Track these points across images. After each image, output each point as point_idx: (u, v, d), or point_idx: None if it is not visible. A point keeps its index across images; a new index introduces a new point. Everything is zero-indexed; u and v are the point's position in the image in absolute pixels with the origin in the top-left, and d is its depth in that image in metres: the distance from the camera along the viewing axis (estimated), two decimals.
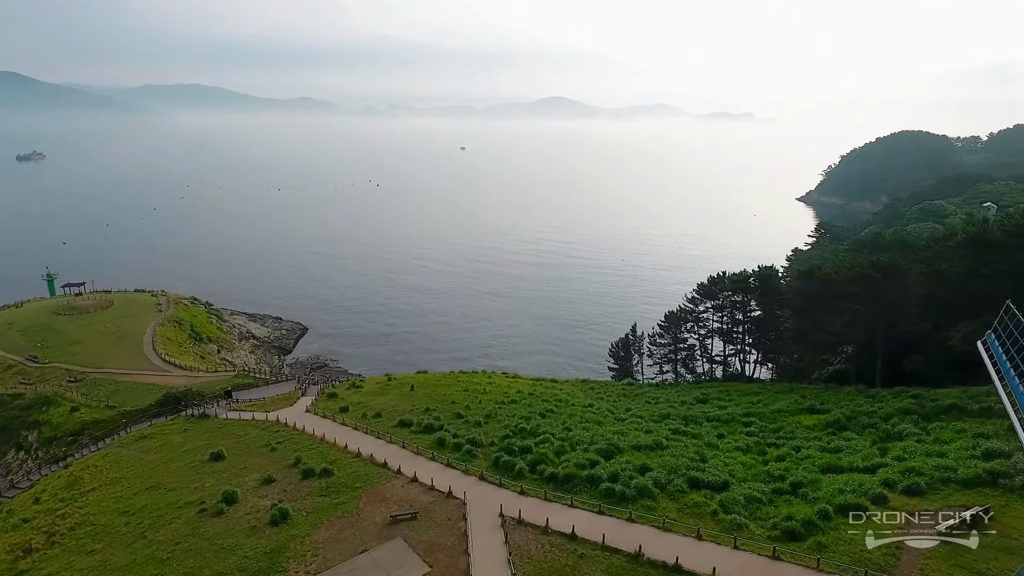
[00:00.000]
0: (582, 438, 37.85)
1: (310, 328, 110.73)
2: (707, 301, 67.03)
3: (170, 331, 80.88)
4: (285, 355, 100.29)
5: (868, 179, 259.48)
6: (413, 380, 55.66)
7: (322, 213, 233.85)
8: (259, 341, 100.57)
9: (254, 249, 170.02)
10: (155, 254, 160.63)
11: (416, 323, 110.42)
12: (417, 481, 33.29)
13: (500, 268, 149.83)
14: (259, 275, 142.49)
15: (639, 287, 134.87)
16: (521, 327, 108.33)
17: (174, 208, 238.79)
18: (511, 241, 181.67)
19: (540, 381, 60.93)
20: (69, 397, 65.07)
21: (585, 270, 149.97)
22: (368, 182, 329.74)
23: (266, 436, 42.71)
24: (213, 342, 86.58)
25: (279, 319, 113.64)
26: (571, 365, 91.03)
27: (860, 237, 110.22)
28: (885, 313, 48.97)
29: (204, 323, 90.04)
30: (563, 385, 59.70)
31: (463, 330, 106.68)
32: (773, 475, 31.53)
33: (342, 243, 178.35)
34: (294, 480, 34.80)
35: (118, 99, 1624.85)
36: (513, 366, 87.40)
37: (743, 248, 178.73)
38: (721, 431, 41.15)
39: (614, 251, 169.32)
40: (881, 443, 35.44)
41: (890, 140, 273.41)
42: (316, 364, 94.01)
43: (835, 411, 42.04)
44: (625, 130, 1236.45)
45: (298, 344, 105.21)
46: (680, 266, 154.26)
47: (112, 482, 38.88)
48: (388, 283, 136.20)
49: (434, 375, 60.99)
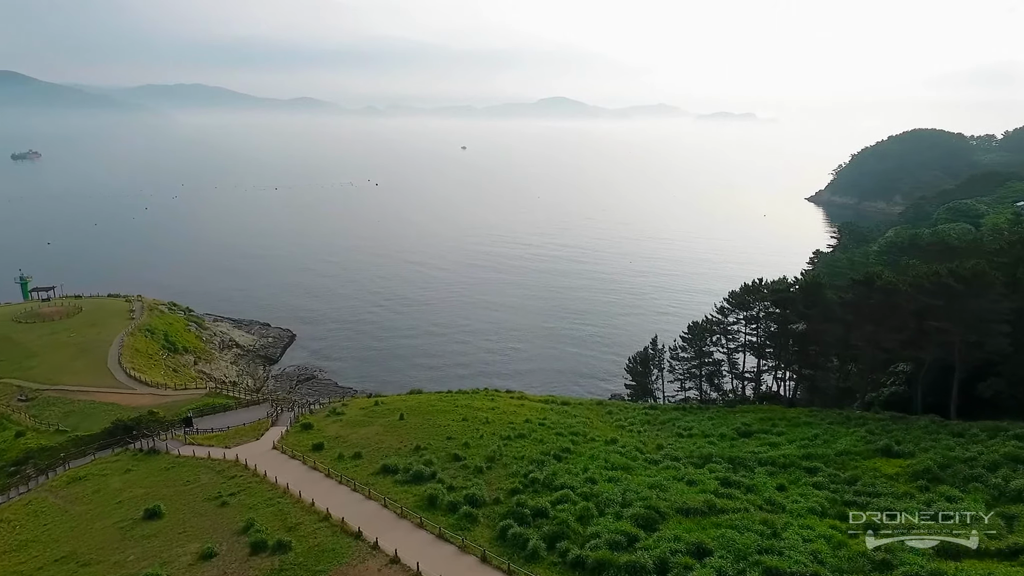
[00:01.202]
0: (611, 495, 29.85)
1: (298, 336, 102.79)
2: (738, 312, 58.93)
3: (140, 341, 72.97)
4: (271, 365, 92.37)
5: (881, 178, 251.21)
6: (403, 405, 47.72)
7: (318, 213, 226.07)
8: (243, 350, 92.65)
9: (245, 250, 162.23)
10: (140, 255, 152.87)
11: (411, 333, 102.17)
12: (399, 562, 25.27)
13: (500, 273, 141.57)
14: (248, 278, 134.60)
15: (650, 294, 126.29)
16: (524, 338, 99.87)
17: (167, 207, 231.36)
18: (512, 244, 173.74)
19: (550, 403, 52.91)
20: (16, 419, 57.19)
21: (591, 276, 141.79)
22: (367, 181, 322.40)
23: (219, 483, 34.81)
24: (190, 352, 78.68)
25: (267, 326, 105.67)
26: (580, 382, 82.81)
27: (890, 238, 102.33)
28: (968, 329, 40.90)
29: (181, 331, 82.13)
30: (576, 409, 51.73)
31: (461, 342, 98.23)
32: (875, 561, 23.56)
33: (337, 245, 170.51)
34: (239, 555, 26.82)
35: (118, 99, 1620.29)
36: (517, 383, 79.48)
37: (757, 250, 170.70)
38: (780, 480, 33.17)
39: (621, 255, 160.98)
40: (998, 506, 27.48)
41: (904, 138, 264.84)
42: (303, 376, 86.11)
43: (920, 456, 34.01)
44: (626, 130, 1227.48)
45: (285, 353, 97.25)
46: (693, 271, 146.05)
47: (19, 547, 30.97)
48: (383, 288, 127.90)
49: (428, 397, 53.05)
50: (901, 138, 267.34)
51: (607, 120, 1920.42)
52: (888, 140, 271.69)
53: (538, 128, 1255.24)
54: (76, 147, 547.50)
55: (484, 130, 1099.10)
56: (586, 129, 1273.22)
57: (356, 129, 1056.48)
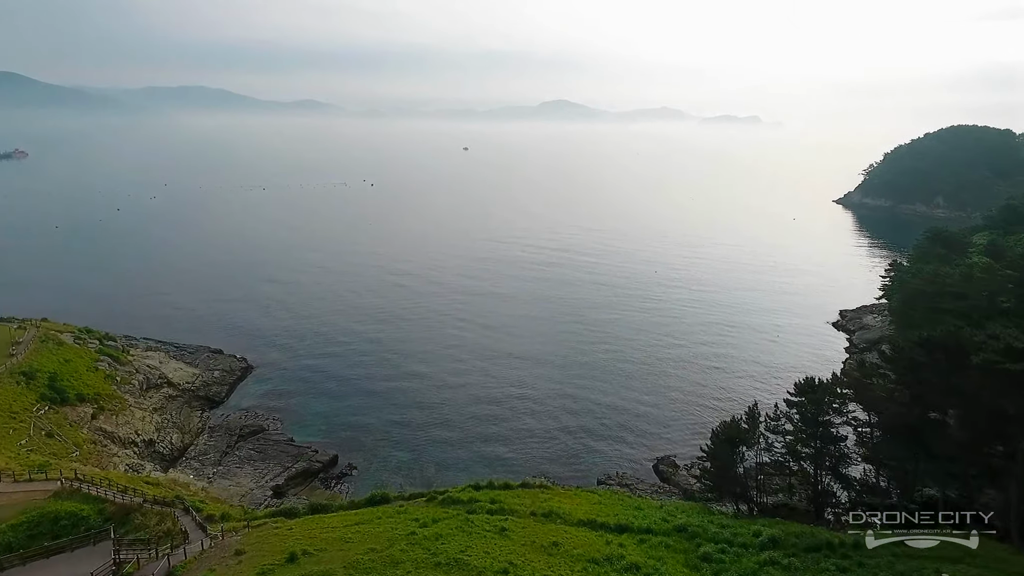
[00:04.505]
0: None
1: (255, 367, 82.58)
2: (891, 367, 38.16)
3: (6, 391, 52.66)
4: (212, 409, 72.20)
5: (920, 178, 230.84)
6: (340, 557, 27.09)
7: (303, 214, 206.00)
8: (177, 389, 72.28)
9: (211, 256, 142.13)
10: (85, 262, 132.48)
11: (392, 369, 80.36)
12: None
13: (501, 288, 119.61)
14: (206, 292, 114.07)
15: (690, 318, 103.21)
16: (530, 380, 77.04)
17: (142, 208, 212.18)
18: (515, 251, 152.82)
19: (600, 530, 32.14)
20: None
21: (611, 288, 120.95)
22: (363, 181, 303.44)
23: None
24: (88, 402, 58.27)
25: (218, 353, 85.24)
26: (617, 463, 60.28)
27: (1010, 246, 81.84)
28: None
29: (81, 372, 61.79)
30: (657, 549, 30.74)
31: (450, 385, 76.20)
32: None
33: (315, 250, 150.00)
34: None
35: (120, 100, 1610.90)
36: (520, 453, 59.27)
37: (799, 258, 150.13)
38: None
39: (645, 262, 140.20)
40: None
41: (943, 135, 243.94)
42: (248, 428, 65.70)
43: None
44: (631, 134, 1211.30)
45: (236, 390, 77.05)
46: (736, 285, 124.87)
47: None
48: (359, 309, 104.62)
49: (390, 526, 32.17)
50: (939, 135, 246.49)
51: (610, 123, 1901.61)
52: (924, 137, 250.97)
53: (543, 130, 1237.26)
54: (68, 147, 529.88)
55: (486, 132, 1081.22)
56: (589, 132, 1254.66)
57: (357, 131, 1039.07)
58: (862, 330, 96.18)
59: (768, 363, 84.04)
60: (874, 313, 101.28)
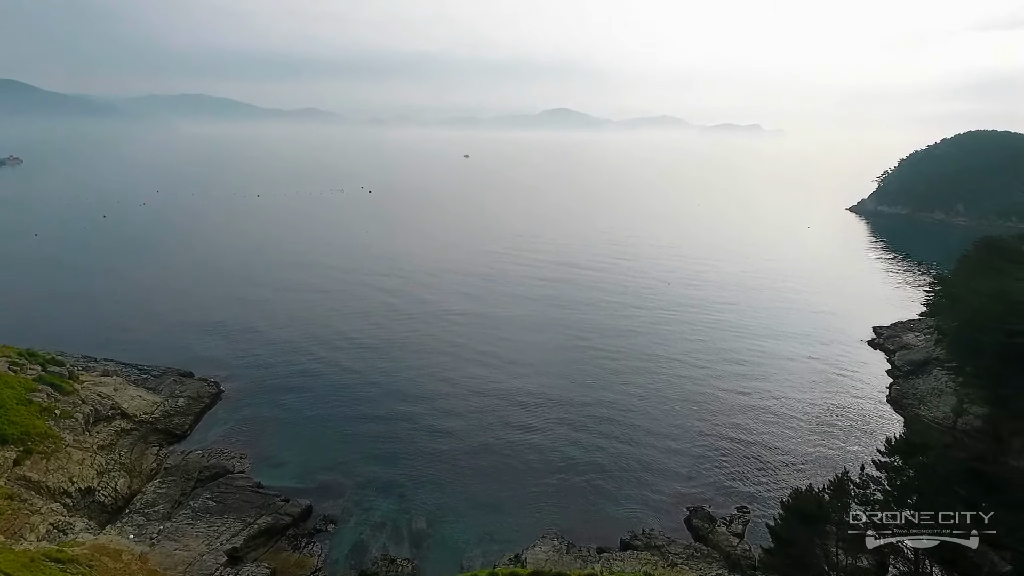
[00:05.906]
0: None
1: (226, 393, 73.17)
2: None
3: None
4: (172, 444, 62.82)
5: (939, 185, 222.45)
6: None
7: (296, 221, 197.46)
8: (132, 422, 62.90)
9: (192, 266, 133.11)
10: (50, 276, 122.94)
11: (373, 405, 69.48)
12: None
13: (499, 308, 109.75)
14: (184, 304, 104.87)
15: (715, 340, 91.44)
16: (534, 422, 65.77)
17: (130, 215, 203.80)
18: (514, 263, 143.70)
19: None
20: None
21: (624, 310, 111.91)
22: (360, 188, 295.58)
23: None
24: (12, 444, 48.95)
25: (187, 376, 75.82)
26: (642, 515, 50.49)
27: None
28: None
29: (10, 405, 52.40)
30: None
31: (443, 421, 65.18)
32: None
33: (304, 264, 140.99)
34: None
35: (122, 108, 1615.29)
36: (529, 508, 50.29)
37: (818, 269, 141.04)
38: None
39: (655, 279, 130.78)
40: None
41: (962, 140, 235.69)
42: (208, 471, 56.19)
43: None
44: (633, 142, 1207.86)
45: (201, 420, 67.65)
46: (757, 298, 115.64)
47: None
48: (344, 330, 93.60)
49: None
50: (957, 140, 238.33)
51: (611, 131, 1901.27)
52: (942, 143, 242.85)
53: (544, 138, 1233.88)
54: (65, 154, 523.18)
55: (488, 140, 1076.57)
56: (591, 140, 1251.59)
57: (360, 139, 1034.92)
58: (903, 350, 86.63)
59: (800, 384, 74.85)
60: (915, 331, 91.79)
